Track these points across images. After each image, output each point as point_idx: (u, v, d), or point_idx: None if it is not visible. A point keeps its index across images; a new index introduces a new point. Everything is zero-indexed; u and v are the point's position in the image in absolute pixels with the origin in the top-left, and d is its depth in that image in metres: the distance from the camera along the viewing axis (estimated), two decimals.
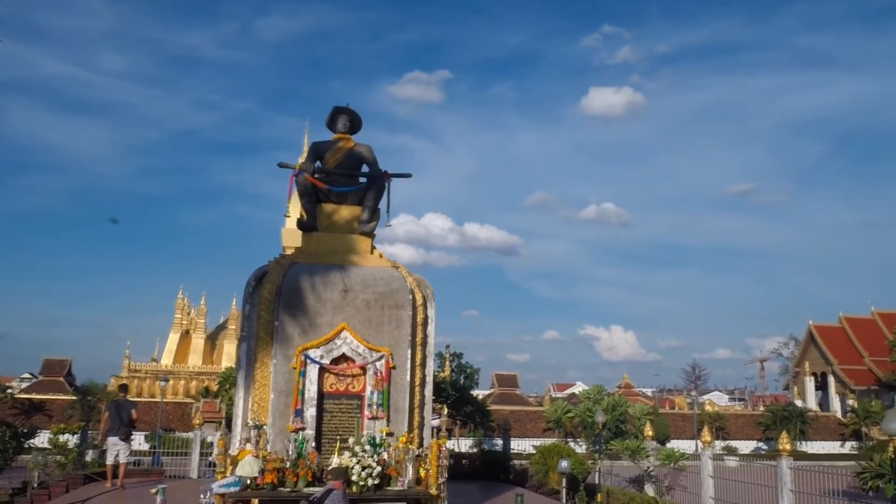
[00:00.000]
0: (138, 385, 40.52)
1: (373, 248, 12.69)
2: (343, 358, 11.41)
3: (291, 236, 56.15)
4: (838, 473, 14.51)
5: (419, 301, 11.89)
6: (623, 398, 31.95)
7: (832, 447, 51.96)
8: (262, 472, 9.69)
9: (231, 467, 9.79)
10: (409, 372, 11.49)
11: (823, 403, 66.98)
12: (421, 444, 11.15)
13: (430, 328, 12.07)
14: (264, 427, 10.22)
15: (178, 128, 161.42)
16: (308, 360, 11.14)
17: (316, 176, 12.64)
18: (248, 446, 9.88)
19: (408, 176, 12.98)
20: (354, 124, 13.48)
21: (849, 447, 52.43)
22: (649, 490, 18.78)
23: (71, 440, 19.58)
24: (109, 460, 15.97)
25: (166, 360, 44.42)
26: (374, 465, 9.77)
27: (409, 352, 11.55)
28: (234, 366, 43.45)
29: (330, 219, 12.67)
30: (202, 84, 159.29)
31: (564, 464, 18.11)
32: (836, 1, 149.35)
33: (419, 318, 11.84)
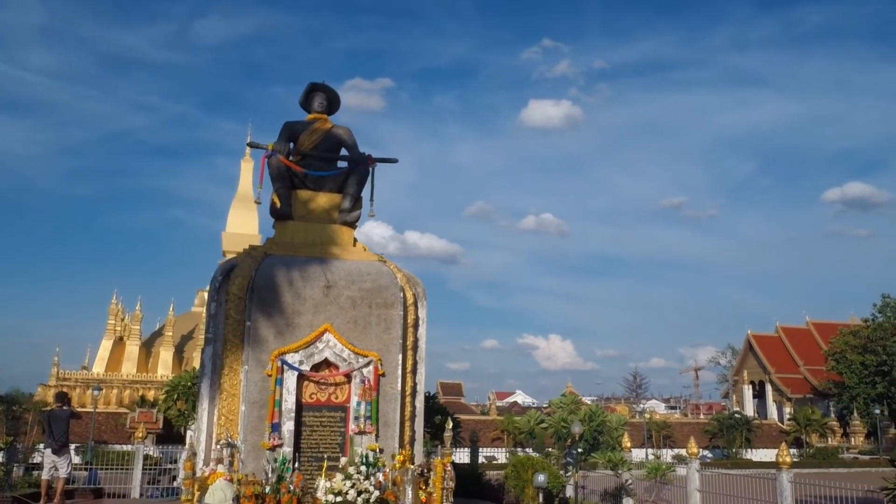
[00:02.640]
0: (68, 394, 37.98)
1: (355, 240, 11.29)
2: (325, 364, 9.97)
3: (232, 240, 53.67)
4: (843, 487, 13.74)
5: (410, 300, 10.55)
6: (600, 408, 31.16)
7: (772, 455, 52.42)
8: (236, 498, 8.18)
9: (198, 493, 8.21)
10: (399, 380, 10.13)
11: (760, 411, 67.99)
12: (412, 462, 9.78)
13: (422, 330, 10.74)
14: (237, 445, 8.66)
15: (111, 129, 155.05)
16: (285, 367, 9.67)
17: (291, 158, 11.17)
18: (220, 468, 8.33)
19: (394, 161, 11.63)
20: (332, 103, 12.08)
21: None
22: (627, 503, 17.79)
23: None
24: (45, 475, 14.23)
25: (98, 368, 41.73)
26: (370, 488, 8.38)
27: (400, 357, 10.19)
28: (174, 374, 41.15)
29: (306, 207, 11.20)
30: (137, 85, 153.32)
31: (541, 478, 16.93)
32: (766, 24, 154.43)
33: (410, 319, 10.50)
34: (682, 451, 49.91)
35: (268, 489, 8.41)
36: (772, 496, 14.80)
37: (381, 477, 8.74)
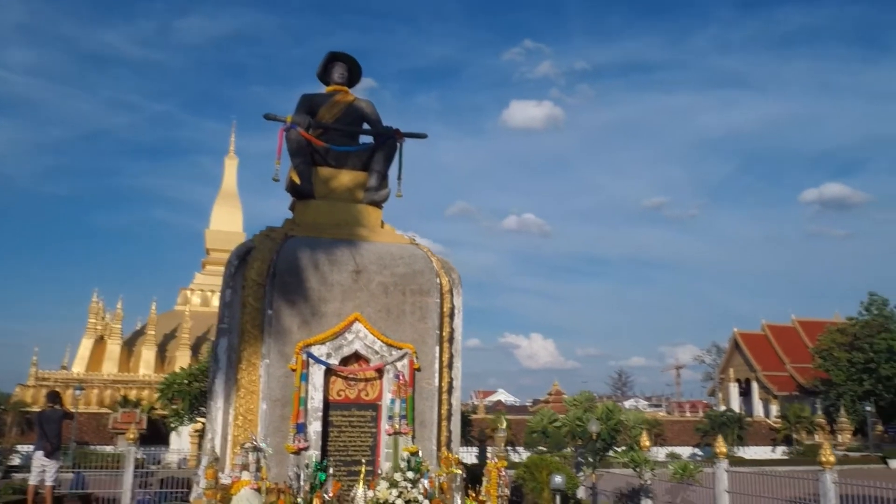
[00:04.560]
0: (60, 394, 36.63)
1: (382, 222, 10.26)
2: (354, 357, 8.94)
3: (217, 238, 52.21)
4: (886, 487, 12.98)
5: (446, 286, 9.54)
6: (616, 405, 30.30)
7: (764, 452, 52.20)
8: None
9: None
10: (436, 374, 9.12)
11: (746, 409, 67.81)
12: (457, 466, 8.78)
13: (458, 320, 9.73)
14: (265, 449, 7.59)
15: (90, 128, 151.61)
16: (311, 360, 8.63)
17: (311, 132, 10.11)
18: (245, 475, 7.27)
19: (423, 136, 10.62)
20: (353, 75, 11.03)
21: (780, 452, 52.83)
22: None
23: None
24: (32, 480, 13.15)
25: (78, 368, 40.17)
26: (420, 498, 7.36)
27: (437, 349, 9.19)
28: (157, 373, 39.76)
29: (328, 185, 10.14)
30: (118, 83, 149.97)
31: (558, 479, 15.97)
32: (746, 26, 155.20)
33: (446, 308, 9.49)
34: (675, 449, 49.49)
35: (300, 499, 7.37)
36: (805, 496, 14.07)
37: (426, 484, 7.73)
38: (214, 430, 8.72)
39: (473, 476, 19.16)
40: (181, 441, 32.77)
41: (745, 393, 71.84)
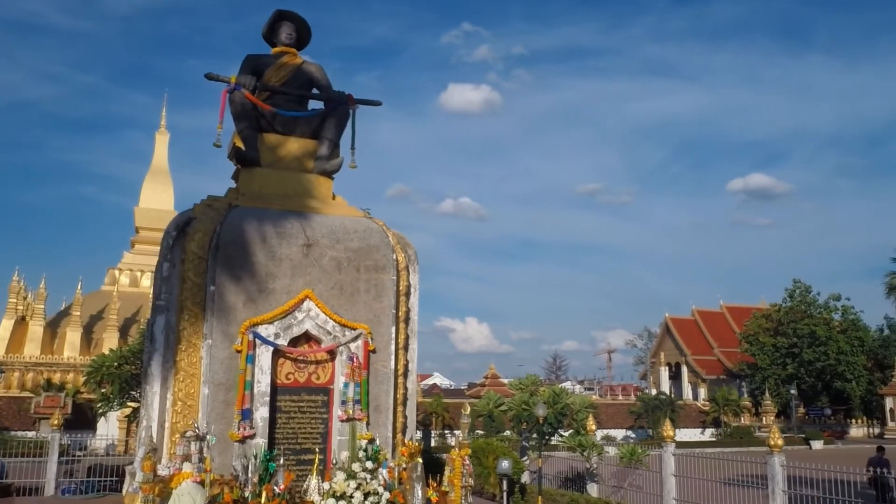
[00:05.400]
0: None
1: (333, 194, 9.60)
2: (304, 337, 8.31)
3: (146, 216, 50.12)
4: (832, 470, 13.07)
5: (402, 263, 8.98)
6: (563, 389, 30.27)
7: (694, 434, 53.48)
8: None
9: (158, 499, 6.42)
10: (392, 356, 8.57)
11: (676, 392, 69.49)
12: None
13: (414, 299, 9.17)
14: (207, 438, 6.89)
15: (12, 98, 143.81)
16: (258, 340, 7.96)
17: (256, 95, 9.36)
18: (186, 467, 6.56)
19: (377, 104, 9.98)
20: (302, 36, 10.28)
21: (709, 434, 54.22)
22: (592, 490, 16.81)
23: None
24: None
25: None
26: (379, 489, 6.80)
27: (393, 329, 8.64)
28: (82, 356, 37.89)
29: (274, 153, 9.42)
30: (41, 53, 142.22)
31: (505, 464, 15.68)
32: (680, 16, 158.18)
33: (402, 286, 8.93)
34: (610, 432, 50.28)
35: (248, 492, 6.73)
36: (748, 477, 14.14)
37: (385, 474, 7.18)
38: (151, 416, 7.97)
39: (427, 464, 18.63)
40: (109, 427, 31.34)
41: (675, 376, 73.58)
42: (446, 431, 39.12)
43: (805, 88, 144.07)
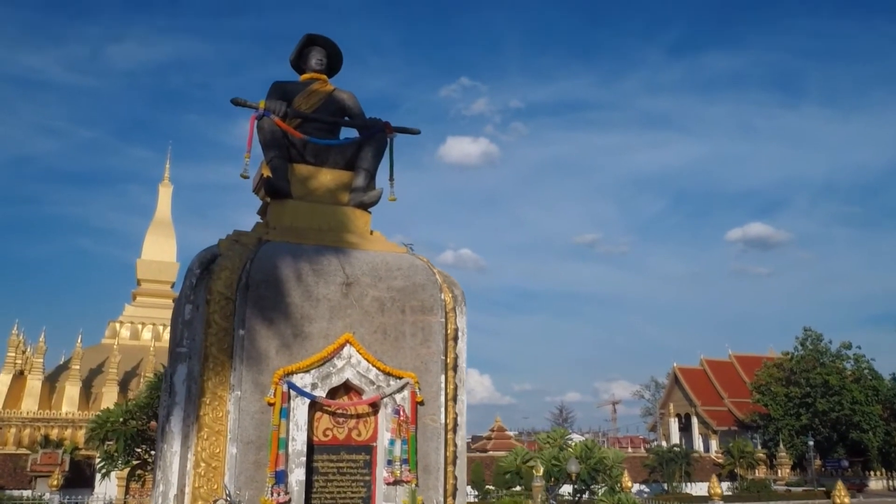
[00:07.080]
0: None
1: (371, 228, 8.74)
2: (344, 388, 7.36)
3: (149, 268, 49.33)
4: None
5: (449, 304, 8.07)
6: (595, 443, 28.96)
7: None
8: None
9: None
10: (442, 409, 7.60)
11: (686, 444, 67.86)
12: None
13: (462, 344, 8.21)
14: None
15: (13, 153, 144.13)
16: (293, 392, 7.00)
17: (286, 122, 8.58)
18: None
19: (416, 132, 9.22)
20: (333, 62, 9.56)
21: (725, 488, 52.59)
22: None
23: None
24: None
25: None
26: None
27: (443, 378, 7.69)
28: (81, 411, 36.59)
29: (305, 186, 8.57)
30: (44, 108, 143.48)
31: None
32: (674, 70, 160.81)
33: (450, 329, 8.01)
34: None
35: None
36: None
37: None
38: (169, 481, 6.95)
39: None
40: (108, 486, 30.04)
41: (685, 428, 72.04)
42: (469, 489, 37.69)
43: (800, 138, 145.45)
